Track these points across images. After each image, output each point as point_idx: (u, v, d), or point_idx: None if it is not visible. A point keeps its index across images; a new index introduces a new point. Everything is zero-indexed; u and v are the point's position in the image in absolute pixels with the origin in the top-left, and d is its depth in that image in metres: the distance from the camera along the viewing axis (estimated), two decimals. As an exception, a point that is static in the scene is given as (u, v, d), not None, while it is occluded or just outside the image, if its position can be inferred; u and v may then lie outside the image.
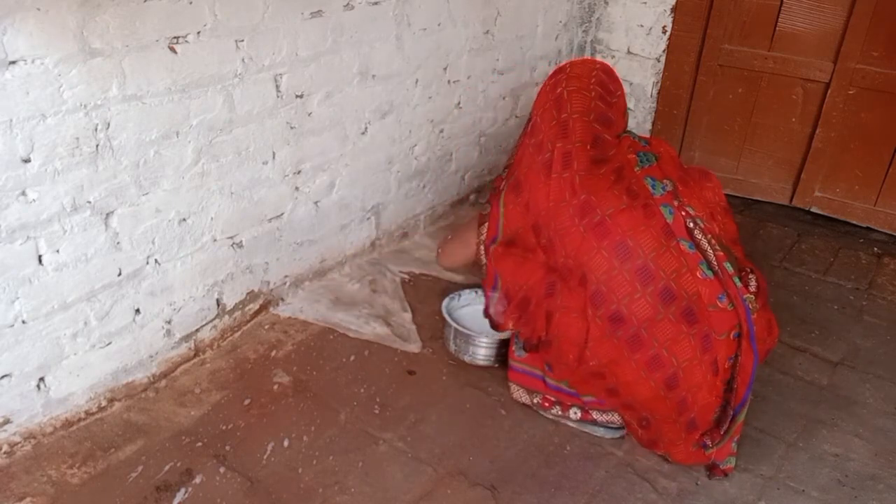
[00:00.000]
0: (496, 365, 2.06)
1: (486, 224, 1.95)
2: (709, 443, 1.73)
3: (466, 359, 2.08)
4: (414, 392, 1.99)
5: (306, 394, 1.95)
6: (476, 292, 2.25)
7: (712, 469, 1.78)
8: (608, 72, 1.99)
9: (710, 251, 1.71)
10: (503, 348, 2.03)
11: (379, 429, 1.85)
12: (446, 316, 2.13)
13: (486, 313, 1.92)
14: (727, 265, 1.70)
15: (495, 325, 1.90)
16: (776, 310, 2.44)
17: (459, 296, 2.25)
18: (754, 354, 1.66)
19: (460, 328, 2.08)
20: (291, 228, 2.23)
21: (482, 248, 1.94)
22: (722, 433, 1.71)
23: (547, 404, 1.90)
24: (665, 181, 1.80)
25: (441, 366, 2.09)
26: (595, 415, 1.87)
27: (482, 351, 2.06)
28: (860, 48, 2.77)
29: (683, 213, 1.75)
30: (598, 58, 3.34)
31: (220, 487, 1.66)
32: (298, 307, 2.28)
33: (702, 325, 1.66)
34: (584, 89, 1.88)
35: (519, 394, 1.94)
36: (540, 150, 1.84)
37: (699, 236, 1.72)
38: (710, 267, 1.70)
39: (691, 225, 1.74)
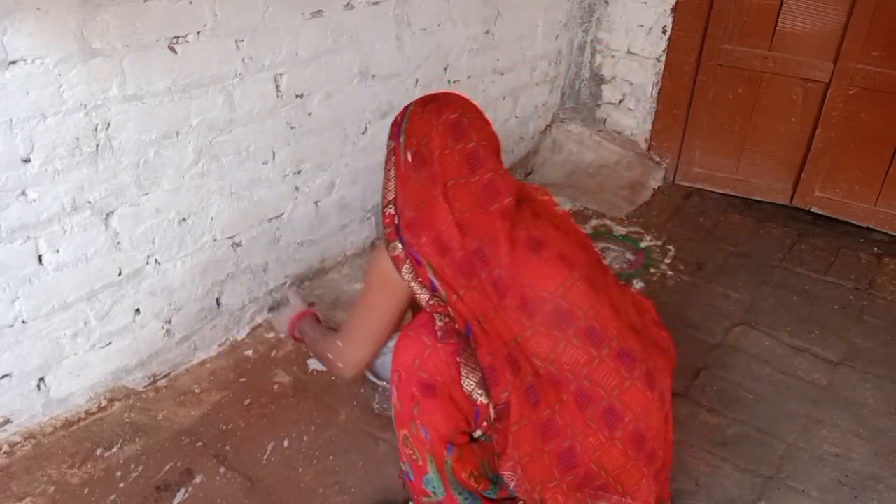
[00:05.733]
0: None
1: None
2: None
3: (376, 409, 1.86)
4: (414, 392, 1.98)
5: (306, 394, 1.95)
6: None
7: None
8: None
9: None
10: None
11: (379, 429, 1.85)
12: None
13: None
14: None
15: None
16: (777, 310, 2.47)
17: None
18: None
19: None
20: (291, 228, 2.23)
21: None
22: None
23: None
24: None
25: (441, 366, 2.09)
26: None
27: None
28: (860, 48, 2.77)
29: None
30: (598, 57, 3.35)
31: (220, 487, 1.66)
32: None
33: (640, 361, 1.41)
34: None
35: None
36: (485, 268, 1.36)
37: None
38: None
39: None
